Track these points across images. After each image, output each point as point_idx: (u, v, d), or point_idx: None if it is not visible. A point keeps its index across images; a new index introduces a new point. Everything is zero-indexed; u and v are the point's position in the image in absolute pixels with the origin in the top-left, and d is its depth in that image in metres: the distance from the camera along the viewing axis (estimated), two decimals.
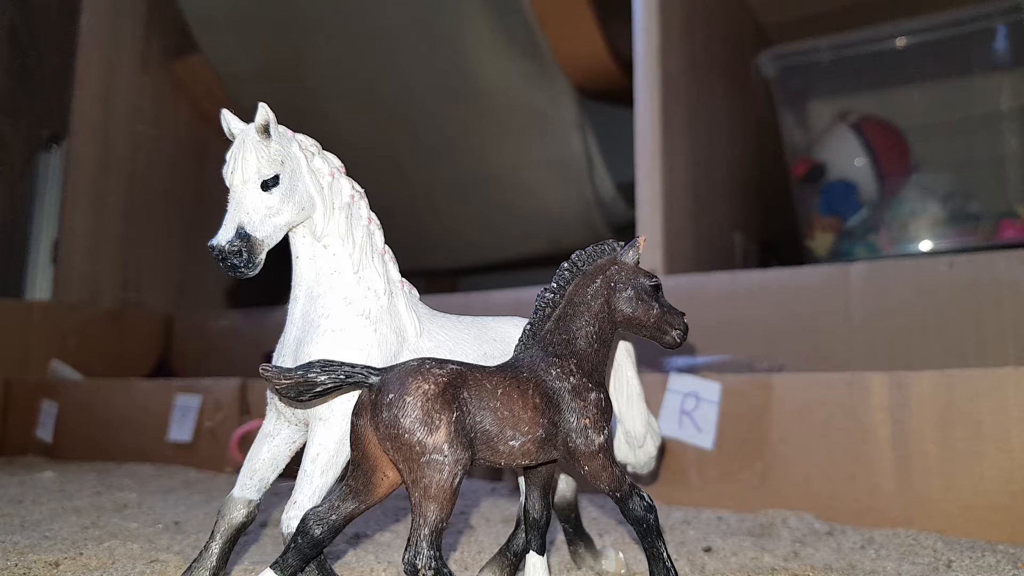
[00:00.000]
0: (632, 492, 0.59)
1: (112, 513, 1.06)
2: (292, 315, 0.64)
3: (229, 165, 0.60)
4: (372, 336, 0.62)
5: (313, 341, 0.62)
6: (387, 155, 2.35)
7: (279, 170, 0.60)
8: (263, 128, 0.60)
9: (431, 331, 0.66)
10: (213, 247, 0.58)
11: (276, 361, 0.64)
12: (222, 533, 0.64)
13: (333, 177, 0.64)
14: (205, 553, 0.64)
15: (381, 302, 0.64)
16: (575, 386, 0.58)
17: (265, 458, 0.65)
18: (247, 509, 0.64)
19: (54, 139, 2.44)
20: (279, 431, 0.65)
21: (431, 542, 0.50)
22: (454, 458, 0.51)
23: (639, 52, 1.61)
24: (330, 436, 0.61)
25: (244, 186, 0.59)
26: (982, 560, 0.79)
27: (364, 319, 0.63)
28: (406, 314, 0.65)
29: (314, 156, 0.64)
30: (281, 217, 0.61)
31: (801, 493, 1.03)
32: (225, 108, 0.64)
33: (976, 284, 1.31)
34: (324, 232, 0.63)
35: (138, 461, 1.58)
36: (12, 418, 1.84)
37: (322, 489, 0.60)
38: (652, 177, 1.55)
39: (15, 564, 0.76)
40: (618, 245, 0.64)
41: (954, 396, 0.96)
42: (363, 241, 0.65)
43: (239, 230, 0.59)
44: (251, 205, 0.59)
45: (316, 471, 0.60)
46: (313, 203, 0.63)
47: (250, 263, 0.59)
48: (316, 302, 0.63)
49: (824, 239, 1.91)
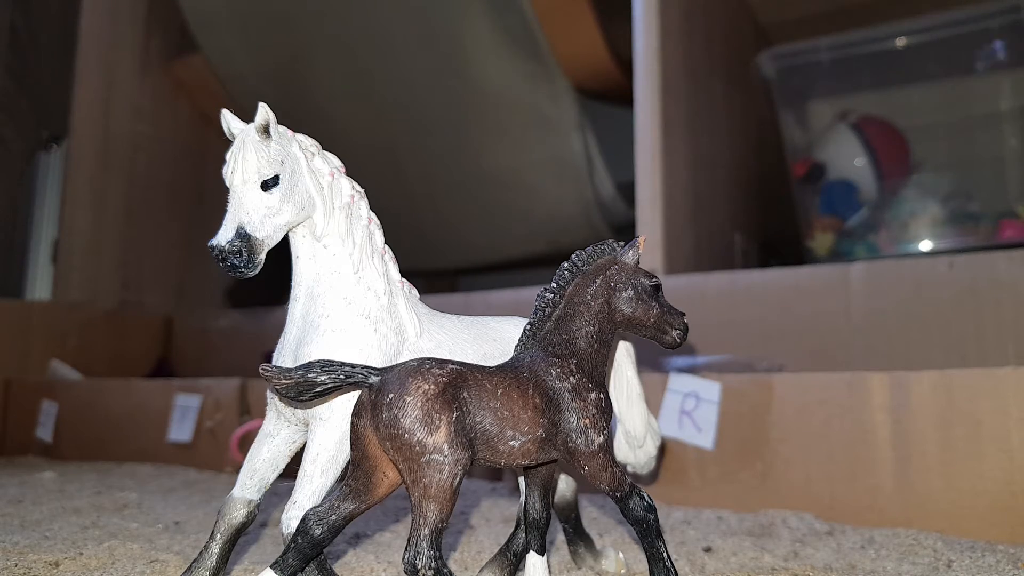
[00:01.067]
0: (632, 492, 0.59)
1: (112, 513, 1.06)
2: (292, 315, 0.64)
3: (229, 165, 0.60)
4: (372, 336, 0.62)
5: (313, 341, 0.62)
6: (387, 155, 2.35)
7: (279, 170, 0.60)
8: (263, 128, 0.60)
9: (431, 331, 0.66)
10: (213, 247, 0.58)
11: (276, 360, 0.64)
12: (222, 533, 0.64)
13: (333, 177, 0.64)
14: (205, 553, 0.64)
15: (381, 302, 0.64)
16: (575, 386, 0.58)
17: (265, 458, 0.65)
18: (247, 509, 0.64)
19: (54, 139, 2.44)
20: (279, 431, 0.65)
21: (431, 542, 0.50)
22: (454, 458, 0.51)
23: (639, 52, 1.61)
24: (330, 436, 0.61)
25: (244, 186, 0.59)
26: (982, 560, 0.79)
27: (364, 319, 0.63)
28: (406, 314, 0.65)
29: (314, 156, 0.64)
30: (281, 217, 0.61)
31: (801, 493, 1.03)
32: (225, 108, 0.64)
33: (976, 284, 1.31)
34: (324, 232, 0.63)
35: (138, 461, 1.58)
36: (12, 418, 1.84)
37: (322, 489, 0.60)
38: (652, 177, 1.55)
39: (15, 564, 0.76)
40: (618, 245, 0.64)
41: (954, 396, 0.96)
42: (363, 241, 0.65)
43: (239, 230, 0.59)
44: (251, 205, 0.59)
45: (316, 471, 0.60)
46: (313, 203, 0.63)
47: (250, 263, 0.59)
48: (316, 302, 0.63)
49: (824, 239, 1.91)
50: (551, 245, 2.26)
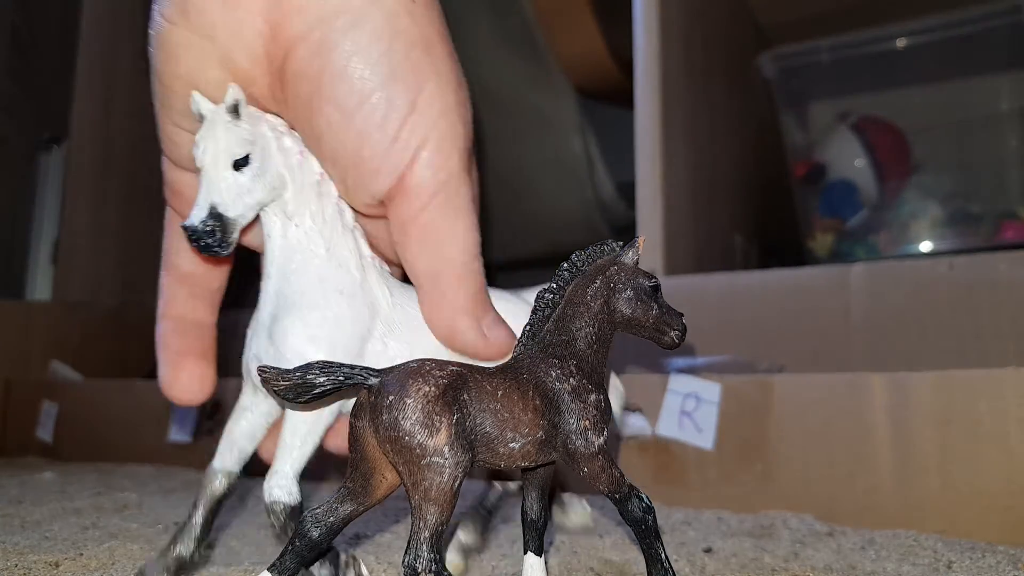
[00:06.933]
0: (631, 493, 0.59)
1: (112, 514, 1.06)
2: (266, 291, 0.65)
3: (200, 146, 0.60)
4: (346, 311, 0.63)
5: (288, 317, 0.62)
6: None
7: (250, 150, 0.61)
8: (233, 108, 0.61)
9: (403, 304, 0.67)
10: (186, 227, 0.59)
11: (251, 337, 0.65)
12: (204, 503, 0.65)
13: (302, 156, 0.65)
14: (189, 523, 0.65)
15: (353, 277, 0.65)
16: (575, 388, 0.58)
17: (244, 430, 0.66)
18: (228, 480, 0.66)
19: (54, 139, 2.44)
20: (256, 405, 0.67)
21: (431, 545, 0.50)
22: (455, 460, 0.51)
23: (639, 52, 1.61)
24: (308, 408, 0.62)
25: (216, 166, 0.60)
26: (982, 561, 0.79)
27: (338, 295, 0.63)
28: (378, 288, 0.66)
29: (283, 135, 0.64)
30: (253, 196, 0.61)
31: (801, 494, 1.03)
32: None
33: (976, 285, 1.31)
34: (295, 210, 0.64)
35: (138, 462, 1.58)
36: (12, 419, 1.84)
37: (302, 459, 0.62)
38: (652, 178, 1.55)
39: (15, 564, 0.76)
40: (617, 245, 0.64)
41: (954, 397, 0.95)
42: (333, 218, 0.65)
43: (212, 210, 0.59)
44: (223, 185, 0.60)
45: (296, 442, 0.62)
46: (284, 182, 0.63)
47: (224, 242, 0.60)
48: (290, 279, 0.64)
49: (824, 240, 1.91)
50: (551, 245, 2.26)
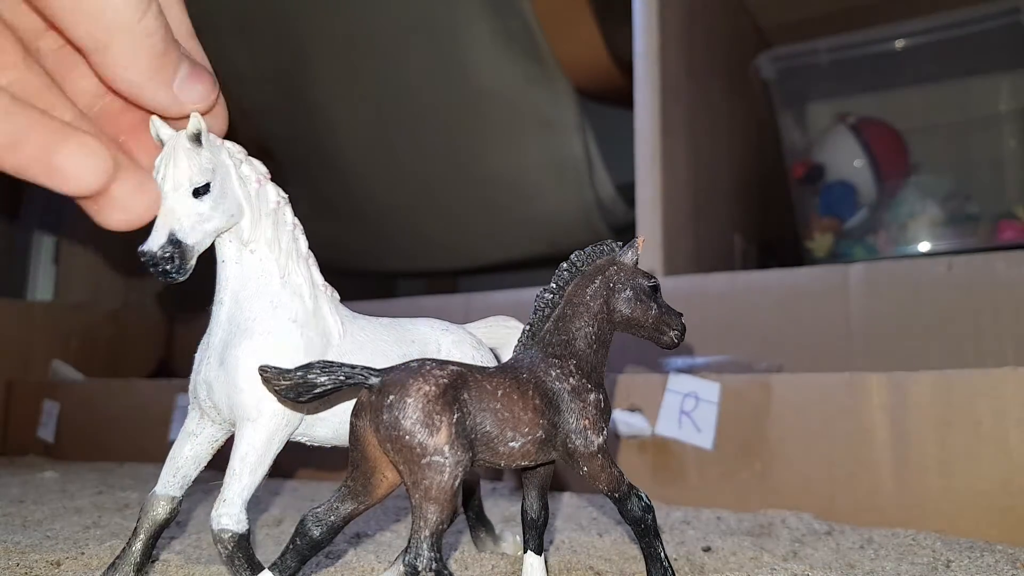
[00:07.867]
0: (630, 493, 0.60)
1: (113, 513, 1.07)
2: (217, 318, 0.65)
3: (159, 171, 0.60)
4: (299, 339, 0.63)
5: (241, 344, 0.62)
6: (387, 156, 2.35)
7: (210, 178, 0.61)
8: (195, 136, 0.60)
9: (353, 333, 0.67)
10: (144, 252, 0.59)
11: (200, 364, 0.65)
12: (145, 530, 0.65)
13: (260, 184, 0.65)
14: (128, 550, 0.65)
15: (307, 306, 0.65)
16: (575, 387, 0.59)
17: (188, 455, 0.66)
18: (171, 505, 0.66)
19: None
20: (202, 430, 0.66)
21: (431, 544, 0.50)
22: (455, 460, 0.51)
23: (639, 53, 1.61)
24: (259, 436, 0.62)
25: (175, 192, 0.59)
26: (981, 560, 0.79)
27: (291, 323, 0.63)
28: (330, 317, 0.66)
29: (241, 163, 0.64)
30: (211, 224, 0.61)
31: (800, 493, 1.03)
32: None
33: (975, 285, 1.31)
34: (251, 237, 0.64)
35: (139, 461, 1.58)
36: (14, 418, 1.84)
37: (251, 487, 0.62)
38: (652, 178, 1.56)
39: (17, 563, 0.76)
40: (617, 245, 0.64)
41: (953, 396, 0.96)
42: (288, 246, 0.66)
43: (171, 236, 0.59)
44: (183, 212, 0.60)
45: (245, 470, 0.62)
46: (241, 209, 0.63)
47: (181, 269, 0.60)
48: (243, 306, 0.64)
49: (823, 240, 1.91)
50: (551, 246, 2.26)
